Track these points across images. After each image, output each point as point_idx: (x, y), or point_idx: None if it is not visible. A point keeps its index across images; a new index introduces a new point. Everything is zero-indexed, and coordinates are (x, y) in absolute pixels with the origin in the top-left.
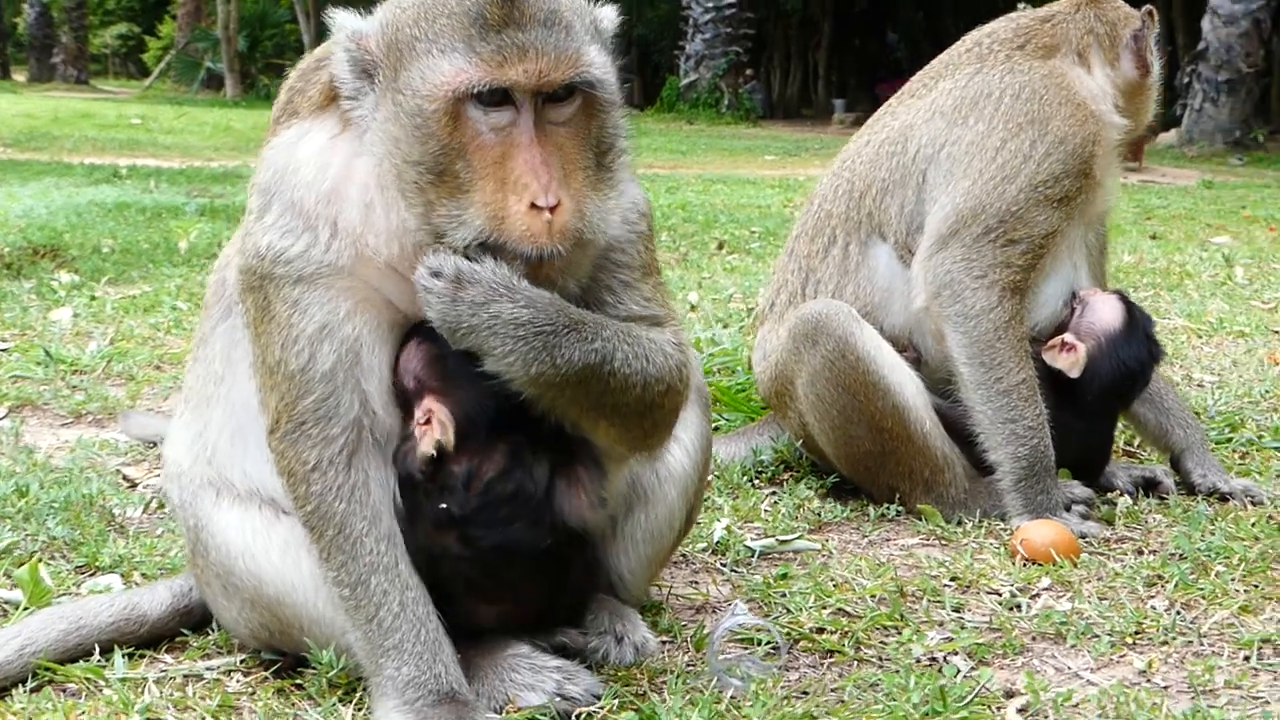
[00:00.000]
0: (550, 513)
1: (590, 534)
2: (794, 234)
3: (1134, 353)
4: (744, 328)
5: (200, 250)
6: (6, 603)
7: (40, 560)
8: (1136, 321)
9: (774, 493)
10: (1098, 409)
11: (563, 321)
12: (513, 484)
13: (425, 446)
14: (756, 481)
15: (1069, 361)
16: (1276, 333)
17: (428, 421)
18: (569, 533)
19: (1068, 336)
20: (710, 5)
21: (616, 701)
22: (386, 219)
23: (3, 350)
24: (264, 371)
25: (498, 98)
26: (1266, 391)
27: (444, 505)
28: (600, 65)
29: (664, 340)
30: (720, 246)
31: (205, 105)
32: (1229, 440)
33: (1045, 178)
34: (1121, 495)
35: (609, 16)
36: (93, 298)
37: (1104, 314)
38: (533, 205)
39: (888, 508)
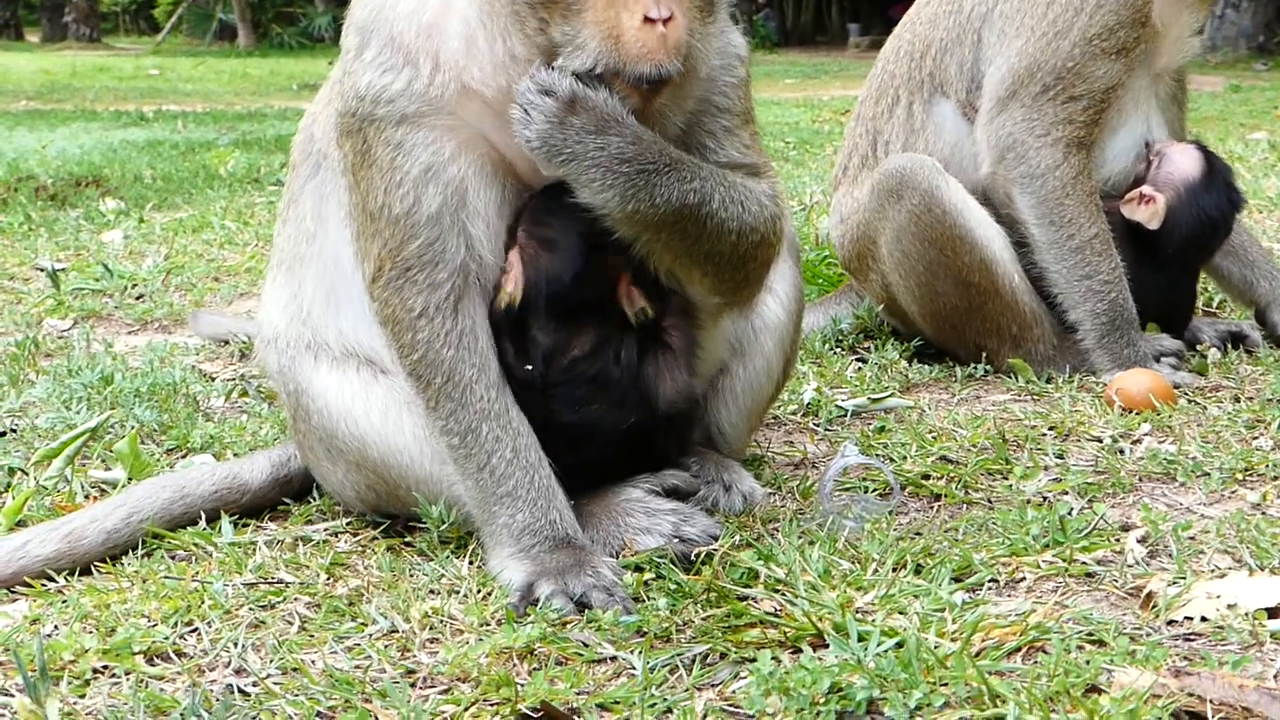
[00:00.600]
0: (636, 395)
1: (679, 413)
2: (860, 98)
3: (1215, 201)
4: (805, 219)
5: (240, 176)
6: (104, 483)
7: (136, 434)
8: (1216, 170)
9: (859, 358)
10: (1179, 261)
11: (664, 160)
12: (596, 366)
13: (499, 299)
14: (838, 349)
15: (1148, 213)
16: None
17: (507, 273)
18: (656, 412)
19: (1146, 189)
20: None
21: (735, 540)
22: (491, 50)
23: (61, 269)
24: (364, 218)
25: None
26: None
27: (529, 368)
28: None
29: (760, 190)
30: None
31: (220, 55)
32: None
33: (1099, 29)
34: (1210, 348)
35: None
36: (141, 221)
37: (1182, 164)
38: (646, 18)
39: (975, 367)
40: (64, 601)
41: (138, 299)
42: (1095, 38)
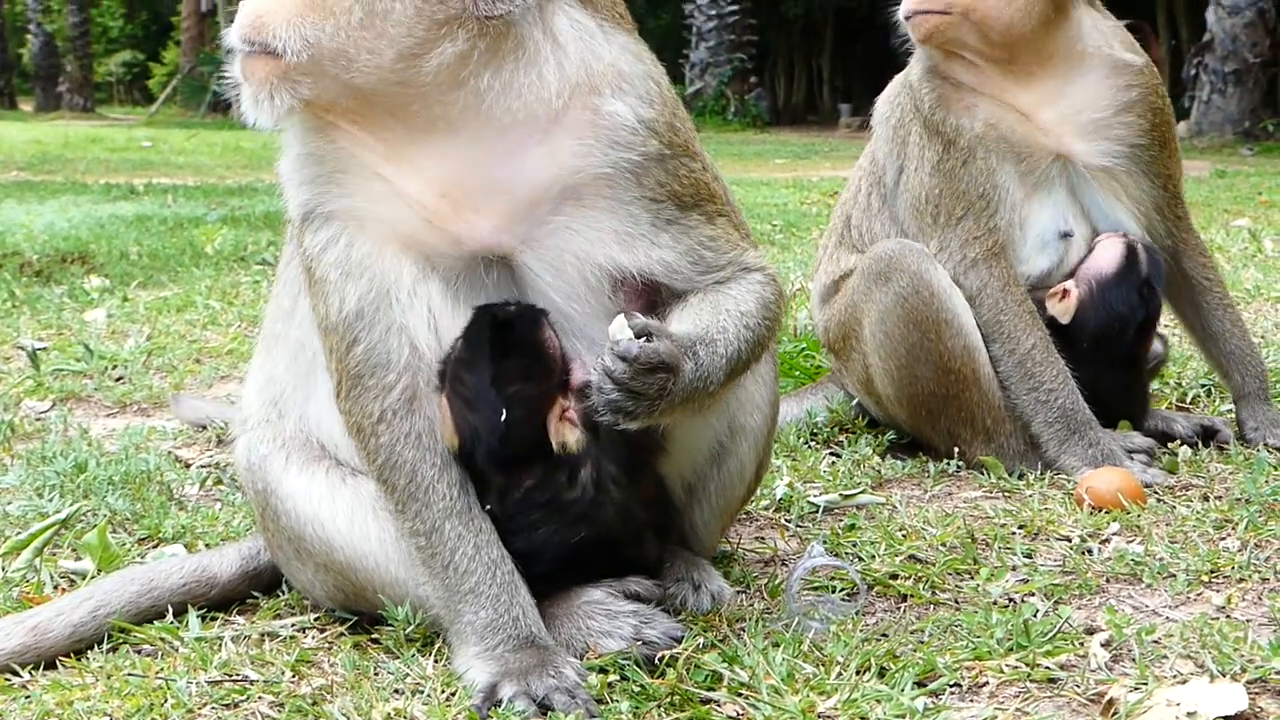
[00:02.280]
0: (594, 511)
1: (650, 521)
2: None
3: (1123, 298)
4: (790, 305)
5: (226, 254)
6: (73, 574)
7: (105, 526)
8: (1135, 267)
9: (832, 452)
10: (1094, 356)
11: (695, 352)
12: (549, 493)
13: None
14: (812, 443)
15: (1062, 308)
16: None
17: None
18: (614, 524)
19: (1068, 283)
20: (713, 13)
21: (700, 642)
22: None
23: (41, 349)
24: (321, 334)
25: None
26: None
27: (488, 507)
28: None
29: (755, 284)
30: None
31: (214, 127)
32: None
33: (935, 156)
34: (1182, 445)
35: None
36: (125, 299)
37: (1101, 259)
38: None
39: (948, 463)
40: (27, 697)
41: (117, 380)
42: (940, 162)
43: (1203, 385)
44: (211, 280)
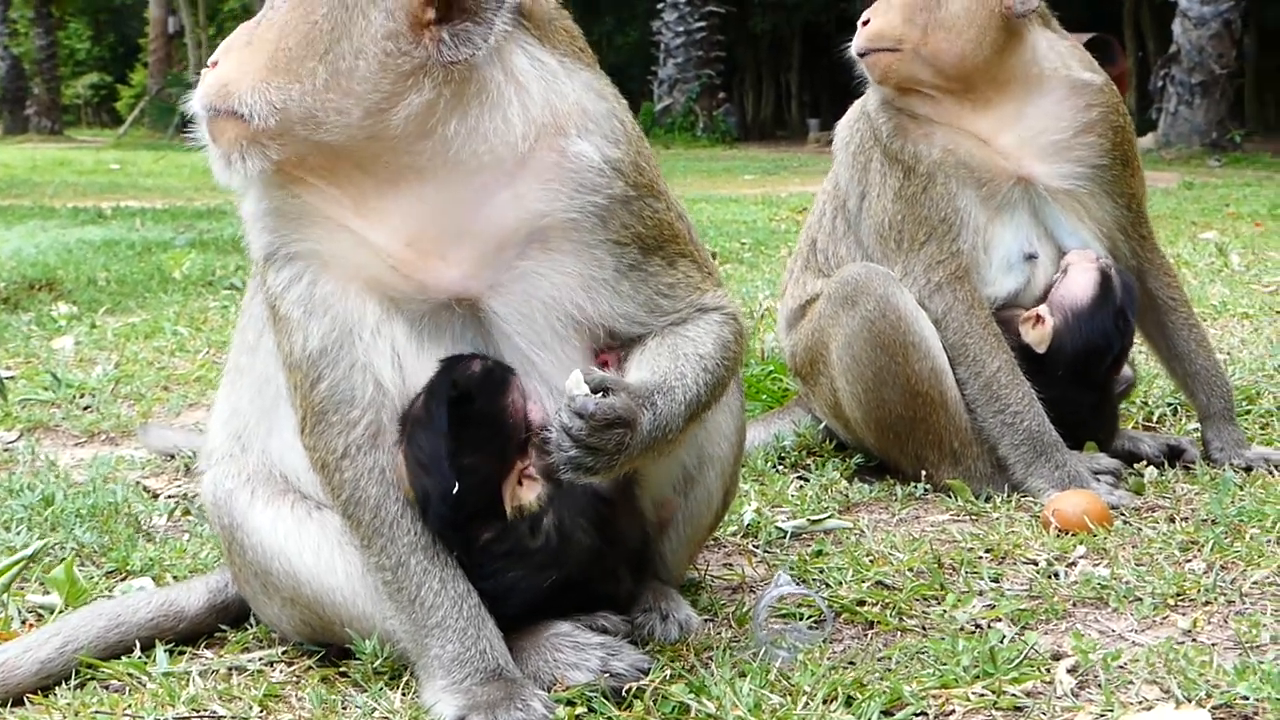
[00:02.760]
0: (560, 554)
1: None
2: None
3: (1100, 328)
4: (751, 329)
5: (195, 279)
6: (41, 608)
7: (72, 561)
8: (1110, 296)
9: (800, 476)
10: (1070, 380)
11: (651, 401)
12: (508, 543)
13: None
14: (780, 467)
15: (1037, 336)
16: None
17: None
18: (583, 564)
19: (1042, 309)
20: (680, 30)
21: (667, 673)
22: None
23: (9, 378)
24: (285, 370)
25: None
26: None
27: (453, 553)
28: None
29: (713, 324)
30: (713, 257)
31: (182, 149)
32: (1247, 412)
33: (896, 184)
34: (1149, 466)
35: None
36: (93, 326)
37: (1076, 286)
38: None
39: (915, 486)
40: None
41: (85, 409)
42: (901, 189)
43: (1169, 404)
44: (180, 306)
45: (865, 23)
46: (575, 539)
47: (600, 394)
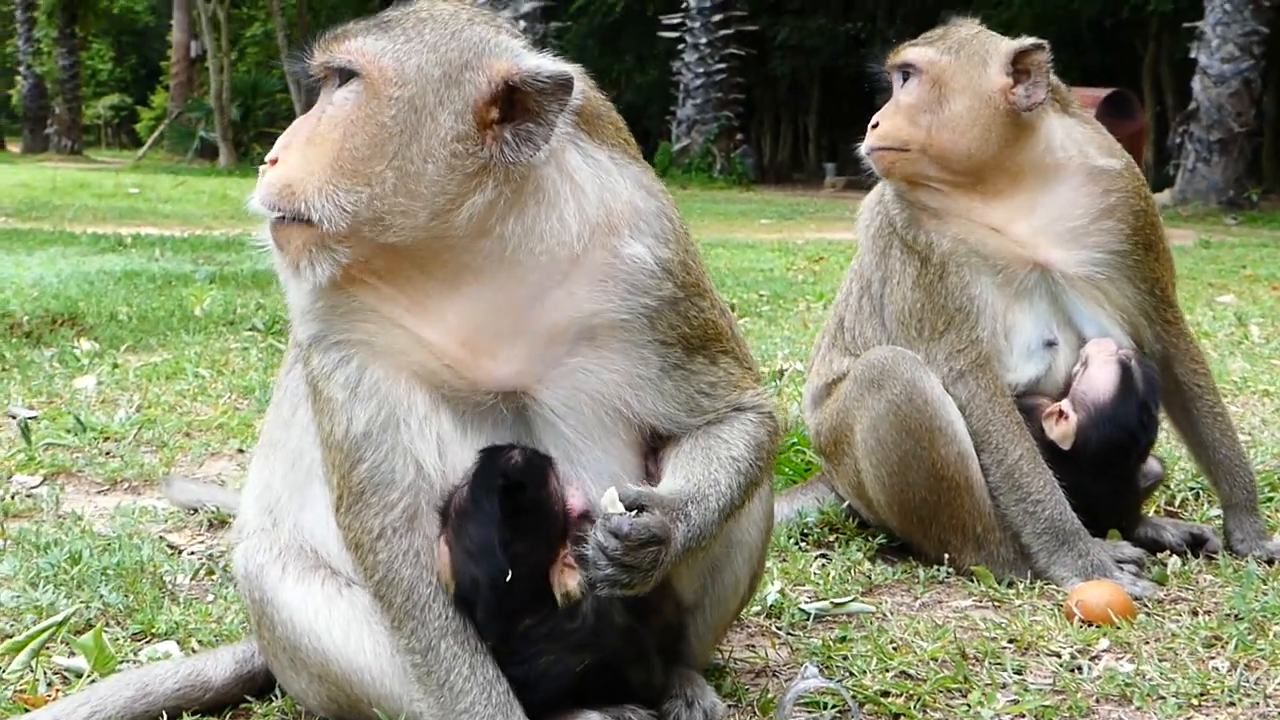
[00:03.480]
0: (595, 638)
1: (657, 640)
2: None
3: (1123, 424)
4: (776, 390)
5: (215, 317)
6: (67, 670)
7: (101, 627)
8: (1132, 390)
9: (823, 555)
10: (1094, 473)
11: (686, 513)
12: (547, 627)
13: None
14: (803, 544)
15: (1061, 433)
16: None
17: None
18: (622, 647)
19: (1064, 404)
20: (700, 71)
21: None
22: None
23: (32, 418)
24: (323, 448)
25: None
26: None
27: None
28: (362, 54)
29: (749, 425)
30: (732, 309)
31: (201, 174)
32: (1269, 500)
33: (914, 273)
34: (1172, 555)
35: (487, 57)
36: (115, 365)
37: (1098, 382)
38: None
39: (938, 569)
40: None
41: (108, 455)
42: (919, 278)
43: (1191, 488)
44: (201, 346)
45: (874, 125)
46: (612, 621)
47: (635, 511)
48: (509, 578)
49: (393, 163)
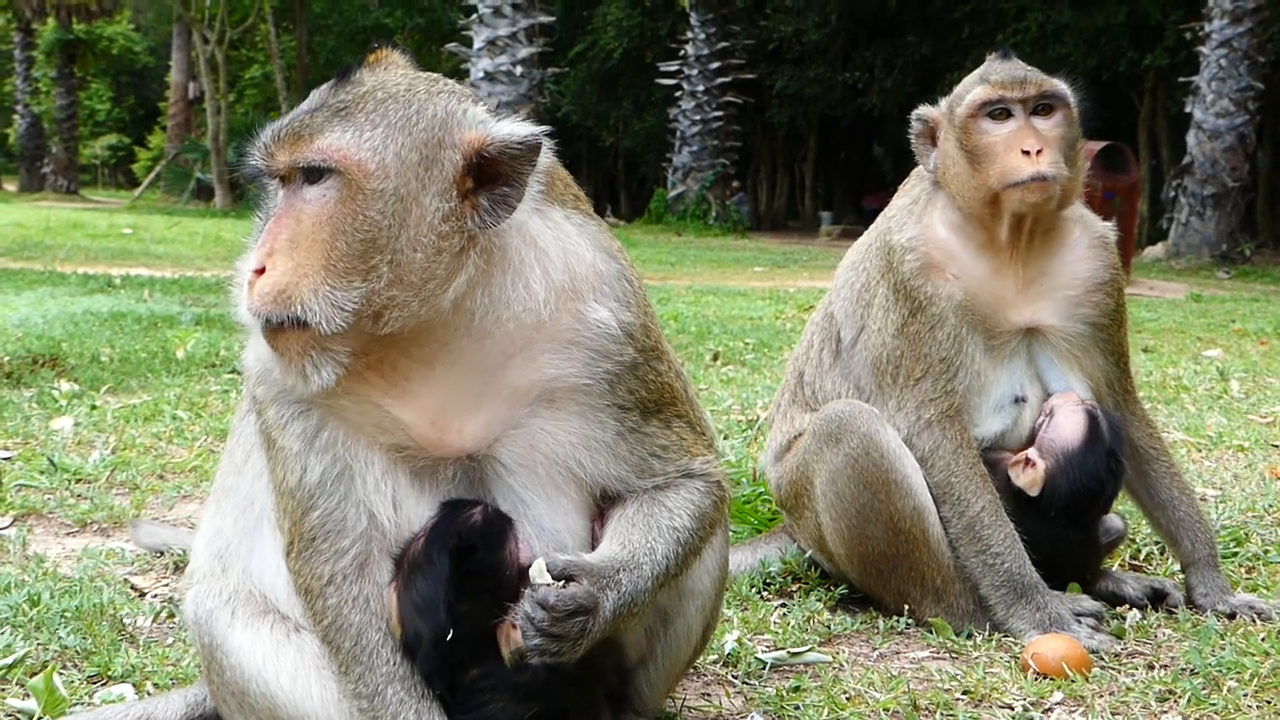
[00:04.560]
0: (542, 687)
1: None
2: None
3: (1092, 471)
4: (747, 439)
5: (198, 359)
6: (20, 712)
7: (54, 669)
8: (1099, 438)
9: (783, 604)
10: (1061, 522)
11: (617, 580)
12: (494, 679)
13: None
14: (765, 593)
15: (1028, 480)
16: (1276, 447)
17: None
18: (580, 690)
19: (1031, 452)
20: (697, 118)
21: None
22: None
23: (6, 459)
24: (275, 494)
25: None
26: (1270, 505)
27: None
28: (339, 151)
29: (695, 494)
30: (715, 358)
31: (196, 215)
32: (1234, 555)
33: (898, 321)
34: (1130, 609)
35: (463, 125)
36: (93, 407)
37: (1065, 430)
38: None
39: (897, 620)
40: None
41: (79, 498)
42: (904, 325)
43: (1156, 543)
44: (181, 388)
45: (1035, 151)
46: (562, 671)
47: (563, 582)
48: (450, 636)
49: (385, 255)
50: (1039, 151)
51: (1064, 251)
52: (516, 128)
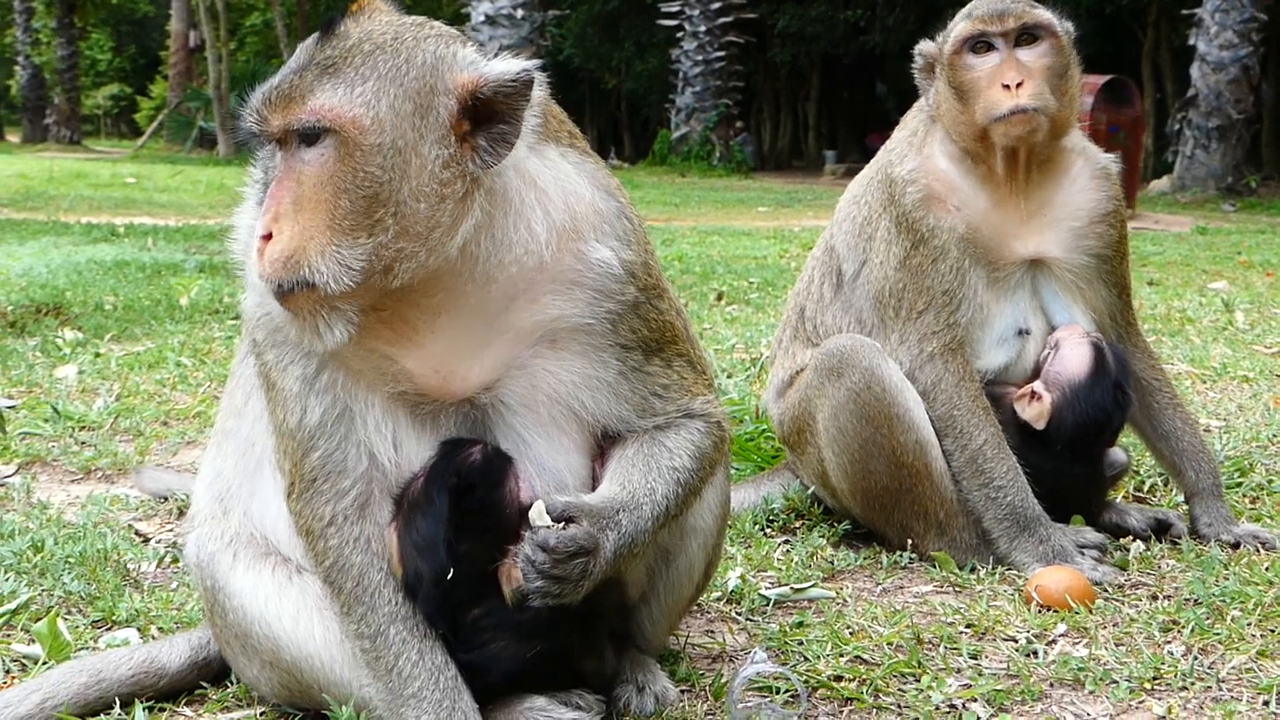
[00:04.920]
0: (543, 625)
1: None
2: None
3: (1099, 402)
4: (750, 377)
5: (201, 306)
6: (25, 658)
7: (57, 615)
8: (1105, 370)
9: (786, 541)
10: (1068, 455)
11: (617, 522)
12: (495, 617)
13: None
14: (768, 530)
15: (1034, 412)
16: None
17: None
18: (570, 634)
19: (1036, 385)
20: (699, 59)
21: None
22: None
23: (10, 407)
24: (276, 435)
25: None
26: (1274, 436)
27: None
28: (332, 109)
29: (695, 434)
30: (719, 298)
31: (199, 164)
32: (1239, 485)
33: (901, 253)
34: (1134, 540)
35: (453, 69)
36: (97, 354)
37: (1071, 362)
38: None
39: (901, 555)
40: None
41: (84, 445)
42: (907, 258)
43: (1159, 474)
44: (185, 335)
45: (1015, 85)
46: (564, 609)
47: (563, 524)
48: (450, 575)
49: (389, 209)
50: (1019, 85)
51: (1066, 183)
52: (509, 65)
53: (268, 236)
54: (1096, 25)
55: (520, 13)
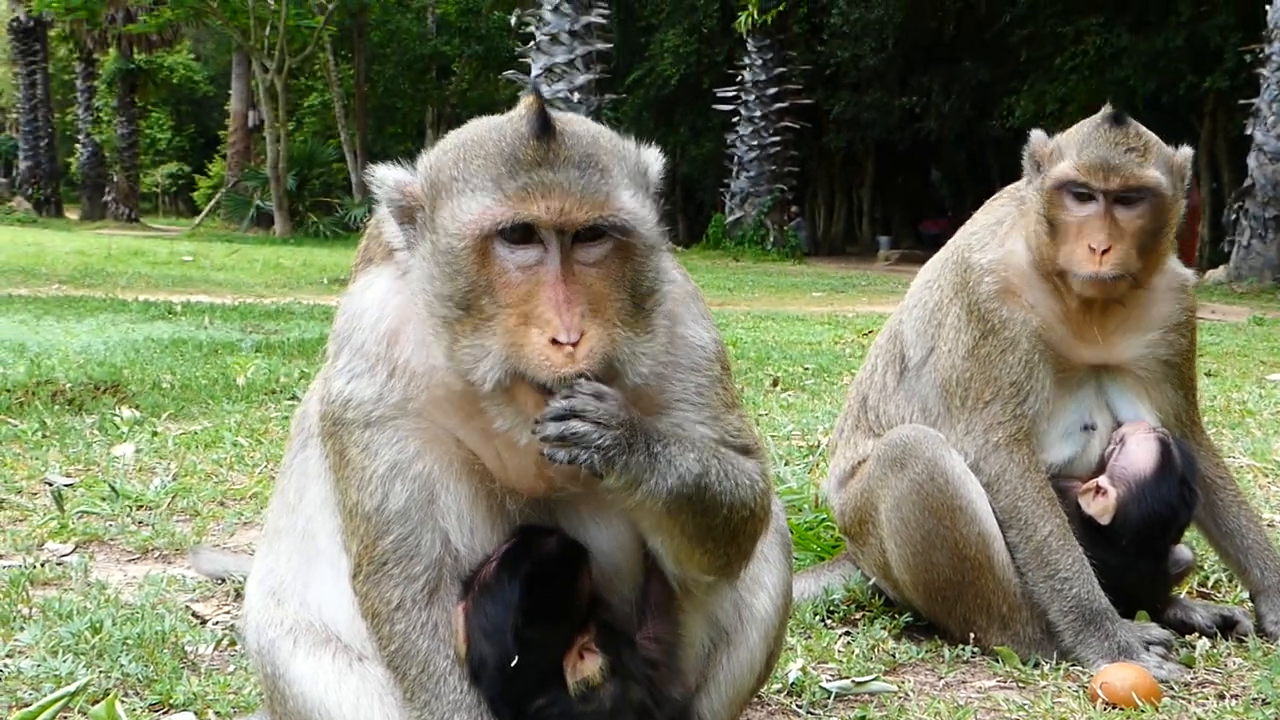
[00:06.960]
0: (615, 716)
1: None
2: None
3: (1166, 499)
4: (808, 466)
5: (258, 386)
6: None
7: (116, 697)
8: (1172, 465)
9: (847, 632)
10: (1134, 550)
11: (659, 436)
12: (558, 709)
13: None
14: (829, 621)
15: (1100, 508)
16: None
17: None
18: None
19: (1102, 480)
20: (754, 143)
21: None
22: (444, 355)
23: (68, 485)
24: (345, 515)
25: (520, 235)
26: None
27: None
28: (632, 209)
29: (749, 467)
30: (775, 384)
31: (255, 243)
32: None
33: (970, 342)
34: (1200, 637)
35: (653, 161)
36: (154, 433)
37: (1137, 457)
38: (553, 341)
39: (963, 648)
40: None
41: (140, 525)
42: (976, 347)
43: (1224, 570)
44: (242, 415)
45: (1104, 250)
46: (628, 699)
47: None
48: (516, 662)
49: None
50: (1105, 251)
51: (1145, 300)
52: (656, 154)
53: (577, 343)
54: (1154, 115)
55: (577, 96)
